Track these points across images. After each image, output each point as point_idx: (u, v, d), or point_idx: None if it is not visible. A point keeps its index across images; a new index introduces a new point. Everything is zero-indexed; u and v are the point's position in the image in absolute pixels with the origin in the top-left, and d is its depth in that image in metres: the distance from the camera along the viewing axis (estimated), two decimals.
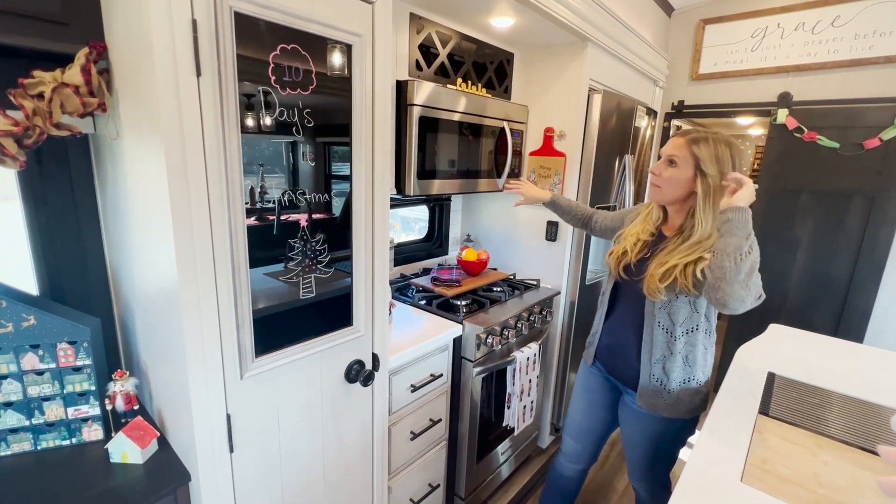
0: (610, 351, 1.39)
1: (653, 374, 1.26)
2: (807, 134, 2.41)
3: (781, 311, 2.65)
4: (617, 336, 1.36)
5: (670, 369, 1.24)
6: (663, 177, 1.19)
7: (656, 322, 1.23)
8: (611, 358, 1.40)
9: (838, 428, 1.11)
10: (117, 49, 0.87)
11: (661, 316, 1.22)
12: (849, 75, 2.35)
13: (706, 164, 1.12)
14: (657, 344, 1.24)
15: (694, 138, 1.15)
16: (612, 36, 2.02)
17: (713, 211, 1.13)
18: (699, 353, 1.25)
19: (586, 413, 1.51)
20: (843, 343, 1.71)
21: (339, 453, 1.21)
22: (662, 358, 1.24)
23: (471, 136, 1.78)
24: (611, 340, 1.39)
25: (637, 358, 1.30)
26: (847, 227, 2.40)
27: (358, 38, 1.00)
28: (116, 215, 1.09)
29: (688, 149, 1.14)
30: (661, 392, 1.27)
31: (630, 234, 1.34)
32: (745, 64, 2.64)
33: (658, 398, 1.27)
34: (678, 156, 1.16)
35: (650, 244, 1.29)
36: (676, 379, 1.25)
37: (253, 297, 0.92)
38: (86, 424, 1.02)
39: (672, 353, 1.23)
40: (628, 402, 1.37)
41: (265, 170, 0.92)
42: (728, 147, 1.14)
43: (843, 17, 2.32)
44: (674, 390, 1.26)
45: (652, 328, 1.24)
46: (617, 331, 1.36)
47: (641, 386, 1.29)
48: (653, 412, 1.29)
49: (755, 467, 0.94)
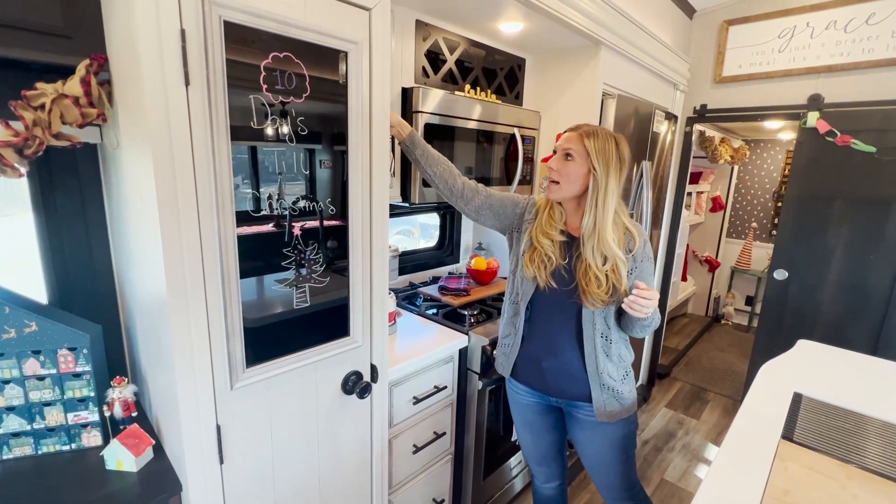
0: (551, 373, 1.27)
1: (603, 385, 1.23)
2: (840, 137, 2.27)
3: (815, 326, 2.49)
4: (556, 355, 1.25)
5: (613, 373, 1.23)
6: (561, 172, 1.16)
7: (596, 332, 1.20)
8: (554, 380, 1.28)
9: (873, 458, 1.02)
10: (116, 60, 0.89)
11: (599, 323, 1.20)
12: (886, 75, 2.21)
13: (595, 158, 1.13)
14: (599, 353, 1.21)
15: (587, 132, 1.15)
16: (627, 39, 1.96)
17: (601, 207, 1.14)
18: (625, 344, 1.28)
19: (535, 443, 1.43)
20: (881, 362, 1.58)
21: (336, 467, 1.18)
22: (606, 366, 1.22)
23: (481, 143, 1.76)
24: (549, 363, 1.26)
25: (583, 371, 1.23)
26: (887, 237, 2.25)
27: (354, 45, 0.99)
28: (120, 222, 1.11)
29: (581, 143, 1.14)
30: (615, 398, 1.24)
31: (541, 235, 1.23)
32: (771, 65, 2.52)
33: (614, 405, 1.24)
34: (574, 149, 1.15)
35: (564, 246, 1.22)
36: (619, 378, 1.25)
37: (246, 306, 0.91)
38: (85, 430, 1.03)
39: (609, 356, 1.23)
40: (583, 417, 1.29)
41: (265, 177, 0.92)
42: (616, 144, 1.15)
43: (879, 14, 2.19)
44: (623, 391, 1.25)
45: (594, 339, 1.20)
46: (555, 350, 1.25)
47: (596, 400, 1.23)
48: (612, 421, 1.25)
49: (774, 499, 0.87)
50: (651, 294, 1.09)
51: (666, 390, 3.15)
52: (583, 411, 1.29)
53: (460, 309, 1.80)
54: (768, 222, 4.39)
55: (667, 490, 2.15)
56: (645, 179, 2.23)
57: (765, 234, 4.41)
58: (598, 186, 1.15)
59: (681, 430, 2.67)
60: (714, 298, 4.67)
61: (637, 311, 1.10)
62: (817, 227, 2.43)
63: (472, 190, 1.34)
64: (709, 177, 4.39)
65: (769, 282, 2.62)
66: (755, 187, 4.44)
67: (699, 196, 4.36)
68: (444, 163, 1.33)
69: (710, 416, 2.85)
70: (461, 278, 1.99)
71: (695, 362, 3.61)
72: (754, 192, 4.45)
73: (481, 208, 1.34)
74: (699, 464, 2.36)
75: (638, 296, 1.09)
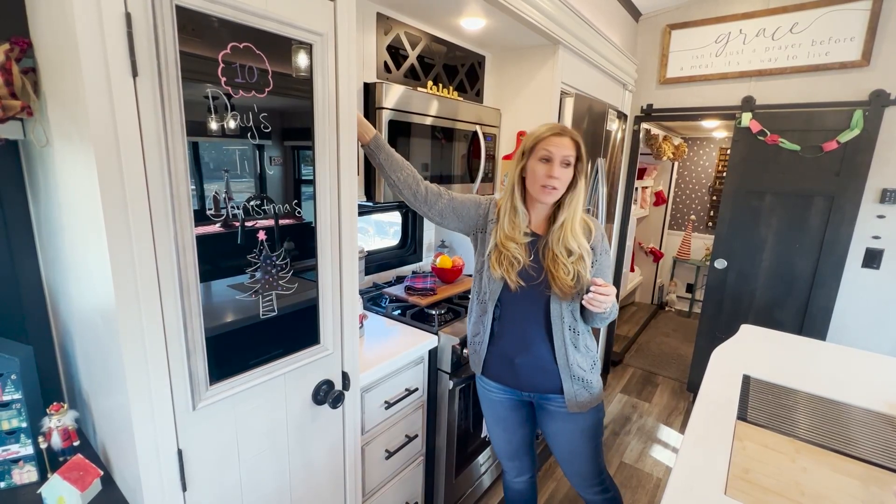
0: (524, 369, 1.29)
1: (573, 377, 1.27)
2: (770, 137, 2.48)
3: (751, 310, 2.71)
4: (528, 351, 1.27)
5: (582, 364, 1.28)
6: (562, 179, 1.19)
7: (565, 325, 1.24)
8: (527, 376, 1.29)
9: (811, 430, 1.12)
10: (43, 46, 0.78)
11: (567, 317, 1.24)
12: (807, 80, 2.43)
13: (584, 162, 1.21)
14: (568, 345, 1.25)
15: (574, 136, 1.20)
16: (583, 39, 2.02)
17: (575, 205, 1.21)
18: (590, 335, 1.31)
19: (507, 438, 1.45)
20: (808, 341, 1.74)
21: (308, 480, 1.13)
22: (575, 357, 1.26)
23: (443, 140, 1.73)
24: (522, 359, 1.28)
25: (553, 364, 1.27)
26: (809, 227, 2.48)
27: (319, 37, 0.93)
28: (51, 230, 0.98)
29: (576, 149, 1.19)
30: (584, 388, 1.29)
31: (506, 240, 1.23)
32: (710, 69, 2.69)
33: (584, 395, 1.29)
34: (572, 156, 1.19)
35: (529, 245, 1.26)
36: (588, 368, 1.29)
37: (208, 316, 0.84)
38: (17, 466, 0.91)
39: (577, 347, 1.27)
40: (555, 409, 1.32)
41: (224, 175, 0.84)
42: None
43: (801, 24, 2.40)
44: (592, 380, 1.30)
45: (562, 331, 1.24)
46: (527, 346, 1.27)
47: (567, 392, 1.27)
48: (584, 411, 1.30)
49: (738, 478, 0.93)
50: (609, 290, 1.14)
51: (620, 377, 3.31)
52: (554, 403, 1.32)
53: (428, 309, 1.78)
54: (705, 215, 4.72)
55: (626, 472, 2.26)
56: (601, 176, 2.32)
57: (702, 225, 4.74)
58: (575, 186, 1.20)
59: (635, 414, 2.81)
60: (658, 287, 4.97)
61: (596, 307, 1.15)
62: (751, 220, 2.63)
63: (435, 194, 1.32)
64: (652, 172, 4.64)
65: (710, 271, 2.82)
66: (693, 182, 4.75)
67: (644, 191, 4.61)
68: (407, 167, 1.30)
69: (660, 398, 3.02)
70: (427, 277, 1.97)
71: (644, 348, 3.82)
72: (692, 187, 4.76)
73: (444, 211, 1.32)
74: (654, 445, 2.50)
75: (596, 292, 1.13)
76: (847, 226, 2.37)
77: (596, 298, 1.13)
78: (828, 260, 2.44)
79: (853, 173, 2.31)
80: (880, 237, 2.34)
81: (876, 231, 2.34)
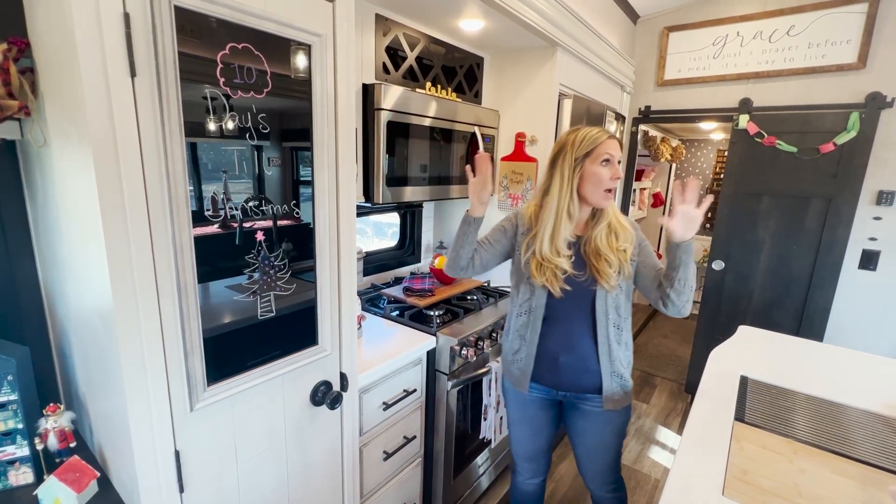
0: (567, 367, 1.28)
1: (614, 373, 1.27)
2: (767, 139, 2.49)
3: (748, 311, 2.71)
4: (572, 349, 1.27)
5: (623, 359, 1.28)
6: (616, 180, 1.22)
7: (610, 322, 1.24)
8: (569, 374, 1.29)
9: (809, 431, 1.12)
10: (41, 46, 0.78)
11: (612, 314, 1.25)
12: (804, 82, 2.44)
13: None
14: (612, 342, 1.25)
15: (613, 135, 1.23)
16: (581, 41, 2.02)
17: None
18: (629, 331, 1.32)
19: (532, 438, 1.45)
20: (805, 342, 1.75)
21: (306, 482, 1.12)
22: (618, 353, 1.27)
23: (442, 142, 1.74)
24: (566, 357, 1.28)
25: (596, 362, 1.27)
26: (806, 229, 2.49)
27: (318, 37, 0.93)
28: (48, 230, 0.98)
29: (620, 149, 1.24)
30: (621, 386, 1.29)
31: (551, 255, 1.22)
32: (707, 71, 2.70)
33: (619, 392, 1.29)
34: (619, 157, 1.23)
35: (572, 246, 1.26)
36: (626, 364, 1.30)
37: (206, 317, 0.84)
38: (13, 467, 0.90)
39: (620, 343, 1.27)
40: (589, 408, 1.32)
41: (222, 176, 0.84)
42: None
43: (798, 27, 2.41)
44: (627, 376, 1.31)
45: (606, 329, 1.24)
46: (571, 344, 1.27)
47: (606, 389, 1.27)
48: (618, 408, 1.30)
49: (736, 479, 0.93)
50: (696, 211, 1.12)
51: None
52: (590, 403, 1.31)
53: (426, 310, 1.78)
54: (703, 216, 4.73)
55: (625, 473, 2.25)
56: None
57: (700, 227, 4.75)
58: None
59: (633, 415, 2.81)
60: None
61: (684, 229, 1.12)
62: (749, 221, 2.64)
63: (477, 254, 1.34)
64: (650, 174, 4.65)
65: (708, 272, 2.82)
66: None
67: (642, 192, 4.62)
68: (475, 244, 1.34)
69: (658, 400, 3.03)
70: (425, 278, 1.97)
71: (643, 349, 3.82)
72: None
73: (486, 261, 1.35)
74: (652, 446, 2.50)
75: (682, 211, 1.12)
76: (844, 227, 2.38)
77: (688, 213, 1.12)
78: (825, 261, 2.45)
79: (850, 175, 2.32)
80: (877, 239, 2.35)
81: (872, 233, 2.35)
